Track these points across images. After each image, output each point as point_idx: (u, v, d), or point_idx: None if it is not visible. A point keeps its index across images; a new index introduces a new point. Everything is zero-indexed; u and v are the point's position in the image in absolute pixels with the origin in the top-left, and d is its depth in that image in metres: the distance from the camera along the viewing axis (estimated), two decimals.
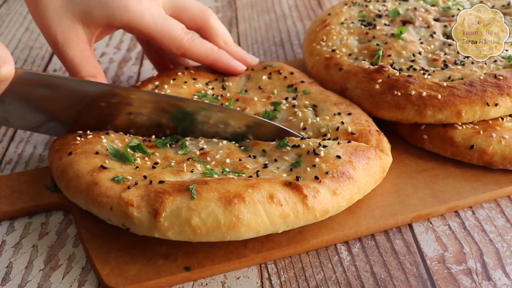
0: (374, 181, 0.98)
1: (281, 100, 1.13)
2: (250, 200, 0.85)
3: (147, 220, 0.85)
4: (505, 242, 0.94)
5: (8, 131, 1.29)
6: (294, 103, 1.12)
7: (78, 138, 1.03)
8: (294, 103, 1.12)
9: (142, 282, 0.86)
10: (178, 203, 0.84)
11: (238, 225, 0.84)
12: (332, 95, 1.14)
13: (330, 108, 1.09)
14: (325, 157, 0.95)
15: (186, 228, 0.84)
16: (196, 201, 0.84)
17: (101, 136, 1.04)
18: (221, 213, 0.83)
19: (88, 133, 1.06)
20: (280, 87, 1.19)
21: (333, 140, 1.01)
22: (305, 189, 0.88)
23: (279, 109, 1.11)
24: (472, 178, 1.04)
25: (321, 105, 1.11)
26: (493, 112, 1.06)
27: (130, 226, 0.86)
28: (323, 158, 0.95)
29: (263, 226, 0.85)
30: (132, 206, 0.85)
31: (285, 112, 1.11)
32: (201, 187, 0.86)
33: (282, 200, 0.86)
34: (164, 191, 0.86)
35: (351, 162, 0.95)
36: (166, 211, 0.84)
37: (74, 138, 1.04)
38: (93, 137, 1.04)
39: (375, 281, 0.88)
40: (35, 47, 1.64)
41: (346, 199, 0.92)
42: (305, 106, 1.10)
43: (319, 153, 0.96)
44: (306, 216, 0.88)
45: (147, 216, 0.85)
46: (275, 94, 1.16)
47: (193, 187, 0.86)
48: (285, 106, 1.11)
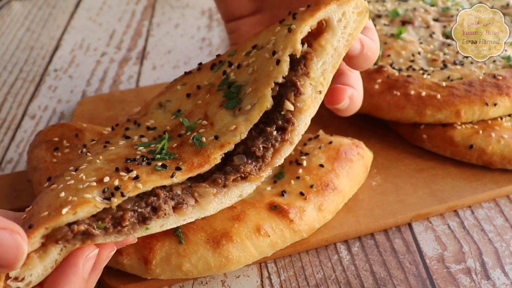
0: (358, 182, 1.00)
1: (225, 74, 0.87)
2: (238, 238, 0.85)
3: (138, 266, 0.85)
4: (504, 242, 0.94)
5: (8, 131, 1.29)
6: (236, 65, 0.86)
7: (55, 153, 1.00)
8: (236, 65, 0.86)
9: (142, 282, 0.87)
10: (166, 249, 0.85)
11: (228, 264, 0.85)
12: (256, 33, 0.90)
13: (269, 29, 0.86)
14: (308, 167, 0.96)
15: (178, 273, 0.85)
16: (185, 246, 0.84)
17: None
18: (211, 256, 0.84)
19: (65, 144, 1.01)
20: (204, 77, 0.91)
21: (314, 139, 1.02)
22: (291, 211, 0.89)
23: (231, 81, 0.85)
24: (471, 178, 1.04)
25: (259, 39, 0.86)
26: (492, 112, 1.07)
27: (123, 270, 0.87)
28: (306, 168, 0.96)
29: (252, 258, 0.87)
30: (121, 255, 0.85)
31: (240, 75, 0.84)
32: (187, 228, 0.85)
33: (269, 231, 0.87)
34: (151, 237, 0.84)
35: (334, 170, 0.96)
36: (156, 259, 0.84)
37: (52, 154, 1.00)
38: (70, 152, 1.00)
39: (374, 280, 0.89)
40: (36, 47, 1.64)
41: (331, 211, 0.94)
42: (247, 54, 0.86)
43: (301, 162, 0.97)
44: (293, 239, 0.90)
45: (137, 262, 0.85)
46: (210, 84, 0.88)
47: (179, 232, 0.85)
48: (232, 74, 0.86)
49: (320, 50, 0.80)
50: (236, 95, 0.82)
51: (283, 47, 0.79)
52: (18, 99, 1.41)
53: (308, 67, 0.79)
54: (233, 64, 0.87)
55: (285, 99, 0.78)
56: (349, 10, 0.82)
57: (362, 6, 0.83)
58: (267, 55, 0.81)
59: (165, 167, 0.75)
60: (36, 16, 1.81)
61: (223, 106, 0.81)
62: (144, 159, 0.77)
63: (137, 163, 0.76)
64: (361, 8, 0.83)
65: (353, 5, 0.82)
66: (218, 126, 0.79)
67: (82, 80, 1.48)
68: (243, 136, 0.77)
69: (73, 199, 0.69)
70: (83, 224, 0.69)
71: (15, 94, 1.43)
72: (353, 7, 0.82)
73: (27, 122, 1.33)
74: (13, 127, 1.31)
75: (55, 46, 1.64)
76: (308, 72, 0.79)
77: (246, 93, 0.80)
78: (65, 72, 1.51)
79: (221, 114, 0.80)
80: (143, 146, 0.80)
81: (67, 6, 1.87)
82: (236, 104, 0.81)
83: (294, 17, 0.81)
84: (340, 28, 0.81)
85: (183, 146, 0.79)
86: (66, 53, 1.60)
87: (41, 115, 1.35)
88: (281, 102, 0.78)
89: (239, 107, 0.80)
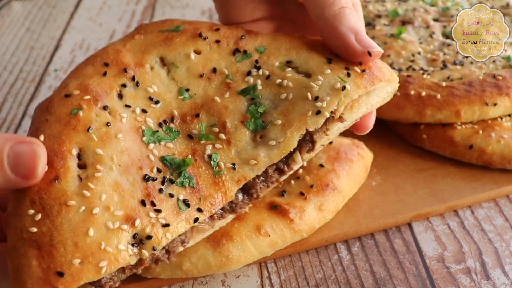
0: (359, 182, 1.00)
1: (250, 82, 0.83)
2: (238, 238, 0.85)
3: None
4: (504, 242, 0.94)
5: (8, 131, 1.29)
6: (265, 74, 0.83)
7: None
8: (265, 74, 0.83)
9: (142, 281, 0.87)
10: None
11: (228, 264, 0.85)
12: (288, 36, 0.88)
13: (312, 56, 0.84)
14: (308, 167, 0.96)
15: (178, 272, 0.85)
16: None
17: None
18: (211, 255, 0.84)
19: None
20: (223, 59, 0.86)
21: None
22: (291, 211, 0.89)
23: (258, 93, 0.82)
24: (471, 178, 1.04)
25: (298, 58, 0.84)
26: (492, 112, 1.07)
27: None
28: (306, 168, 0.96)
29: (252, 258, 0.87)
30: None
31: (268, 92, 0.81)
32: None
33: (269, 231, 0.87)
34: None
35: (335, 171, 0.96)
36: None
37: None
38: None
39: (374, 280, 0.89)
40: (36, 47, 1.64)
41: (331, 211, 0.94)
42: (281, 69, 0.83)
43: None
44: (293, 238, 0.90)
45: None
46: (229, 76, 0.84)
47: None
48: (259, 84, 0.82)
49: (347, 114, 0.80)
50: (260, 115, 0.80)
51: (329, 101, 0.78)
52: (18, 99, 1.41)
53: (330, 127, 0.80)
54: (261, 68, 0.84)
55: (298, 152, 0.80)
56: (387, 89, 0.85)
57: (395, 90, 0.87)
58: (308, 94, 0.79)
59: (188, 206, 0.74)
60: (36, 16, 1.81)
61: (244, 124, 0.79)
62: (164, 181, 0.75)
63: (158, 189, 0.74)
64: (393, 90, 0.86)
65: (394, 87, 0.85)
66: (236, 148, 0.78)
67: None
68: (259, 173, 0.78)
69: (108, 250, 0.67)
70: (108, 282, 0.70)
71: (15, 94, 1.43)
72: (392, 87, 0.85)
73: (27, 122, 1.33)
74: (13, 127, 1.31)
75: (55, 46, 1.64)
76: (328, 130, 0.80)
77: (273, 122, 0.79)
78: (65, 72, 1.51)
79: (241, 134, 0.79)
80: (153, 143, 0.78)
81: (67, 6, 1.87)
82: (259, 128, 0.79)
83: (348, 74, 0.80)
84: (373, 99, 0.83)
85: (197, 162, 0.77)
86: (66, 53, 1.60)
87: None
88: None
89: (262, 133, 0.79)
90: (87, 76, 0.83)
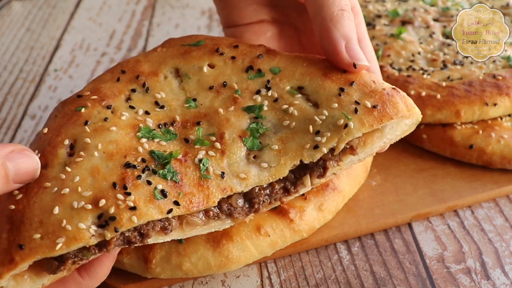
0: (358, 182, 1.00)
1: (257, 100, 0.82)
2: (238, 238, 0.85)
3: (138, 265, 0.86)
4: (504, 242, 0.94)
5: (8, 131, 1.29)
6: (274, 96, 0.82)
7: None
8: (274, 96, 0.82)
9: (142, 281, 0.87)
10: (167, 248, 0.85)
11: (228, 264, 0.85)
12: (306, 59, 0.86)
13: (325, 85, 0.81)
14: None
15: (178, 272, 0.85)
16: (185, 245, 0.84)
17: None
18: (211, 255, 0.84)
19: None
20: (236, 75, 0.86)
21: None
22: (291, 211, 0.89)
23: (262, 114, 0.81)
24: (471, 178, 1.04)
25: (310, 85, 0.82)
26: (492, 112, 1.07)
27: (123, 268, 0.87)
28: None
29: (252, 258, 0.87)
30: (121, 254, 0.85)
31: (272, 115, 0.81)
32: None
33: (269, 231, 0.87)
34: None
35: None
36: (156, 258, 0.84)
37: None
38: None
39: (374, 280, 0.89)
40: (36, 47, 1.64)
41: (331, 211, 0.94)
42: (290, 94, 0.82)
43: None
44: (293, 238, 0.90)
45: (137, 261, 0.86)
46: (238, 91, 0.83)
47: None
48: (266, 105, 0.82)
49: (361, 148, 0.79)
50: (259, 136, 0.79)
51: (329, 137, 0.76)
52: (18, 99, 1.41)
53: (343, 158, 0.79)
54: (271, 89, 0.83)
55: (308, 175, 0.78)
56: (406, 122, 0.81)
57: (417, 120, 0.82)
58: (310, 126, 0.77)
59: (164, 196, 0.72)
60: (36, 16, 1.81)
61: (242, 139, 0.78)
62: (146, 169, 0.74)
63: (136, 175, 0.72)
64: (415, 121, 0.82)
65: (416, 119, 0.81)
66: (229, 160, 0.77)
67: (82, 80, 1.47)
68: (245, 190, 0.76)
69: (68, 228, 0.67)
70: (71, 259, 0.70)
71: (15, 94, 1.43)
72: (412, 120, 0.81)
73: (27, 122, 1.33)
74: (13, 127, 1.31)
75: (55, 46, 1.64)
76: (341, 160, 0.79)
77: (270, 146, 0.78)
78: (65, 72, 1.51)
79: (237, 148, 0.78)
80: (147, 138, 0.77)
81: (67, 6, 1.87)
82: (255, 147, 0.78)
83: (356, 110, 0.77)
84: (390, 134, 0.80)
85: (187, 162, 0.76)
86: (66, 53, 1.60)
87: (41, 115, 1.35)
88: (302, 171, 0.78)
89: (256, 154, 0.78)
90: (103, 81, 0.86)
